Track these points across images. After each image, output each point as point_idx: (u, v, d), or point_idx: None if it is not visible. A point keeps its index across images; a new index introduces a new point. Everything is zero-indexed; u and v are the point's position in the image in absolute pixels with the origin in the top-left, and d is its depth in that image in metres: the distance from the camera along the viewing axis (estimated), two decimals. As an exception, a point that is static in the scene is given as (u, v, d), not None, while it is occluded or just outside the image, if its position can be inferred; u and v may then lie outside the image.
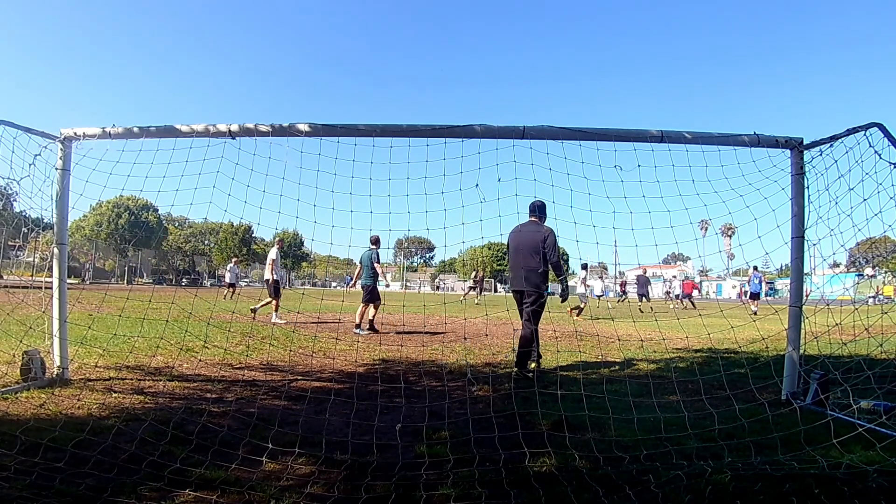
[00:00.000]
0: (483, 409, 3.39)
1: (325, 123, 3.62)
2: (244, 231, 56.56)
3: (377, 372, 4.63)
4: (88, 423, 2.72)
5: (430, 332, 8.46)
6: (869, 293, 18.03)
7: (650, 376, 4.42)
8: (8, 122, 3.41)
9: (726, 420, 3.04)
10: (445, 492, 2.07)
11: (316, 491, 2.10)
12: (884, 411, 2.99)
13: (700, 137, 3.64)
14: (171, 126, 3.72)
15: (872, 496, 1.98)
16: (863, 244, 5.82)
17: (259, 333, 7.12)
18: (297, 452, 2.48)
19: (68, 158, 3.87)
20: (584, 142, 3.57)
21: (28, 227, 4.01)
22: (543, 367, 4.92)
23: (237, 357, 5.23)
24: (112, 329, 6.10)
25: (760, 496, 2.00)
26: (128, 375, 4.12)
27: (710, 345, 6.49)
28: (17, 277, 15.41)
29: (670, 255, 73.50)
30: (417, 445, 2.69)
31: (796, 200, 3.69)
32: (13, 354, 3.88)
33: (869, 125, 3.11)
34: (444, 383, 4.24)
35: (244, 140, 3.70)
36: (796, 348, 3.66)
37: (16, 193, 3.75)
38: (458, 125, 3.55)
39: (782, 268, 7.61)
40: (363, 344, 6.55)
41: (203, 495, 1.98)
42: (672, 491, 2.04)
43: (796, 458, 2.39)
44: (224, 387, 3.94)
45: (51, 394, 3.42)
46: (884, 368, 3.61)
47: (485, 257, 61.85)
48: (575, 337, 7.50)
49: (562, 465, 2.40)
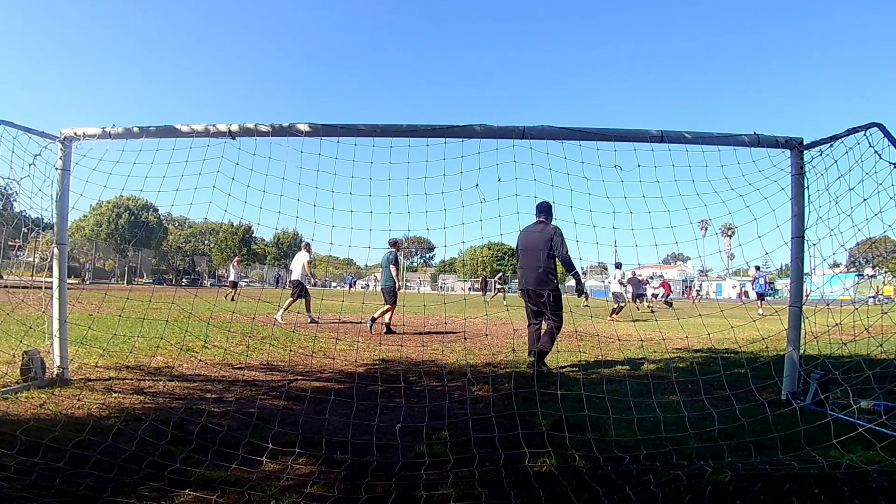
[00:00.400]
0: (483, 409, 3.39)
1: (325, 123, 3.62)
2: (244, 231, 56.62)
3: (377, 372, 4.63)
4: (88, 423, 2.72)
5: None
6: (869, 293, 18.04)
7: (650, 376, 4.42)
8: (8, 122, 3.41)
9: (726, 420, 3.04)
10: (445, 492, 2.07)
11: (316, 491, 2.10)
12: (884, 411, 2.99)
13: (700, 137, 3.64)
14: (171, 126, 3.72)
15: (872, 496, 1.98)
16: (863, 244, 5.82)
17: (259, 333, 7.12)
18: (297, 452, 2.48)
19: (68, 158, 3.87)
20: (584, 142, 3.57)
21: (28, 227, 4.01)
22: (543, 367, 4.92)
23: (237, 357, 5.23)
24: (112, 329, 6.10)
25: (760, 496, 2.00)
26: (128, 375, 4.11)
27: (710, 345, 6.49)
28: (17, 277, 15.41)
29: (670, 255, 73.53)
30: (417, 445, 2.69)
31: (796, 200, 3.69)
32: (13, 354, 3.88)
33: (869, 125, 3.11)
34: (444, 383, 4.24)
35: (244, 140, 3.70)
36: (796, 348, 3.66)
37: (16, 193, 3.75)
38: (458, 125, 3.54)
39: (782, 268, 7.62)
40: (363, 344, 6.55)
41: (203, 495, 1.98)
42: (672, 491, 2.04)
43: (796, 458, 2.39)
44: (224, 387, 3.94)
45: (51, 394, 3.42)
46: (884, 368, 3.61)
47: (485, 257, 61.88)
48: (575, 337, 7.49)
49: (562, 465, 2.40)
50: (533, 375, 4.43)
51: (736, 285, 43.01)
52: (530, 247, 4.99)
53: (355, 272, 57.72)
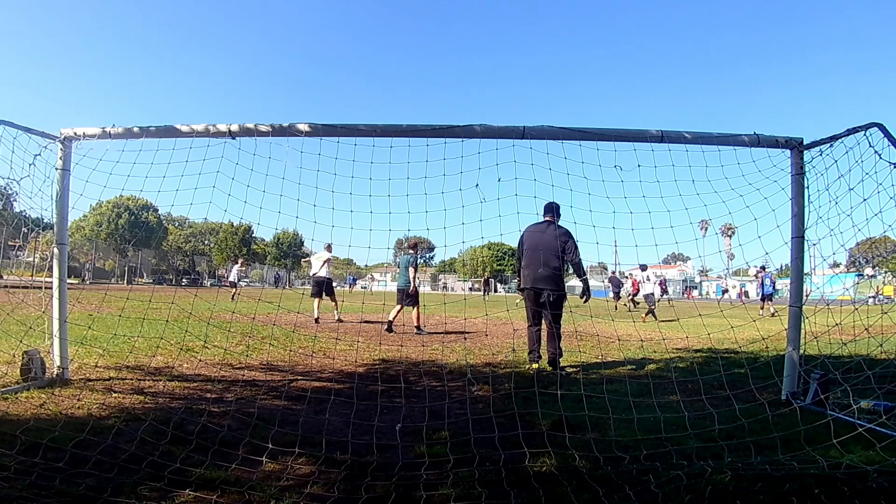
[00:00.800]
0: (483, 409, 3.39)
1: (325, 123, 3.62)
2: (244, 231, 56.59)
3: (377, 372, 4.63)
4: (88, 423, 2.72)
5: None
6: (869, 293, 18.03)
7: (650, 376, 4.42)
8: (8, 122, 3.41)
9: (726, 420, 3.04)
10: (445, 492, 2.07)
11: (316, 491, 2.09)
12: (884, 411, 2.99)
13: (700, 137, 3.64)
14: (171, 126, 3.72)
15: (872, 496, 1.98)
16: (863, 244, 5.82)
17: (259, 333, 7.12)
18: (297, 452, 2.47)
19: (68, 158, 3.87)
20: (584, 142, 3.57)
21: (28, 227, 4.01)
22: (543, 367, 4.93)
23: (237, 357, 5.23)
24: (112, 329, 6.10)
25: (760, 496, 2.00)
26: (128, 375, 4.11)
27: (710, 345, 6.49)
28: (17, 277, 15.40)
29: (670, 254, 73.54)
30: (417, 445, 2.69)
31: (796, 200, 3.69)
32: (13, 354, 3.88)
33: (869, 125, 3.11)
34: (444, 383, 4.24)
35: (244, 140, 3.70)
36: (796, 348, 3.66)
37: (16, 193, 3.75)
38: (458, 125, 3.54)
39: (782, 268, 7.62)
40: (363, 344, 6.55)
41: (203, 495, 1.98)
42: (672, 491, 2.04)
43: (796, 458, 2.39)
44: (224, 387, 3.94)
45: (51, 394, 3.42)
46: (884, 368, 3.61)
47: (485, 257, 61.87)
48: (575, 337, 7.49)
49: (562, 465, 2.40)
50: (533, 376, 4.43)
51: (736, 285, 42.87)
52: (541, 246, 4.92)
53: (355, 272, 57.70)
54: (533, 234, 5.08)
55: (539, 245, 4.96)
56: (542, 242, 4.96)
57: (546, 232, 5.00)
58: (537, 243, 4.98)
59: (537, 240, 5.00)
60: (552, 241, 4.88)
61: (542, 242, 4.96)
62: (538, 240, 4.99)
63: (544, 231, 5.02)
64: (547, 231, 5.01)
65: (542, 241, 4.95)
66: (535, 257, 4.94)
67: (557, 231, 4.96)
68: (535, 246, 5.00)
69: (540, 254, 4.91)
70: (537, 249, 4.97)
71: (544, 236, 4.97)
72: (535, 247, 5.01)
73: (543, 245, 4.92)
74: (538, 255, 4.91)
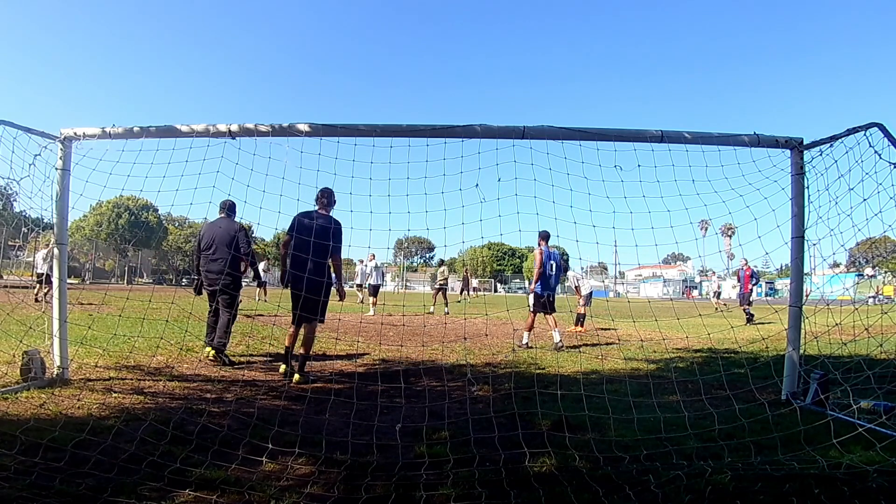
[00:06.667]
0: (483, 409, 3.39)
1: (325, 123, 3.62)
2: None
3: (377, 372, 4.63)
4: (88, 423, 2.72)
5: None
6: (869, 293, 18.03)
7: (650, 376, 4.42)
8: (8, 122, 3.41)
9: (726, 420, 3.04)
10: (445, 492, 2.07)
11: (316, 491, 2.09)
12: (884, 411, 2.99)
13: (700, 137, 3.64)
14: (171, 126, 3.72)
15: (872, 496, 1.98)
16: (863, 244, 5.82)
17: (259, 333, 7.12)
18: (297, 452, 2.47)
19: (68, 158, 3.87)
20: (583, 142, 3.57)
21: (28, 227, 4.01)
22: (543, 367, 4.93)
23: (237, 357, 5.23)
24: (112, 329, 6.10)
25: (760, 496, 2.00)
26: (128, 375, 4.11)
27: (710, 345, 6.49)
28: (17, 277, 15.40)
29: (670, 254, 73.52)
30: (417, 445, 2.69)
31: (796, 200, 3.69)
32: (13, 354, 3.87)
33: (869, 125, 3.11)
34: (444, 383, 4.24)
35: (244, 140, 3.70)
36: (796, 348, 3.66)
37: (16, 193, 3.75)
38: (458, 125, 3.55)
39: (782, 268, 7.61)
40: (363, 344, 6.55)
41: (203, 495, 1.98)
42: (672, 491, 2.04)
43: (796, 458, 2.40)
44: (224, 387, 3.94)
45: (51, 394, 3.42)
46: (884, 368, 3.61)
47: (485, 257, 61.84)
48: (575, 337, 7.50)
49: (562, 465, 2.40)
50: (533, 376, 4.43)
51: (736, 285, 42.82)
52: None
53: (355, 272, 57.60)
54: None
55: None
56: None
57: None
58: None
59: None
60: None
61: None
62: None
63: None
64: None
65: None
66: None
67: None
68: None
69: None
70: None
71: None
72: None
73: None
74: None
